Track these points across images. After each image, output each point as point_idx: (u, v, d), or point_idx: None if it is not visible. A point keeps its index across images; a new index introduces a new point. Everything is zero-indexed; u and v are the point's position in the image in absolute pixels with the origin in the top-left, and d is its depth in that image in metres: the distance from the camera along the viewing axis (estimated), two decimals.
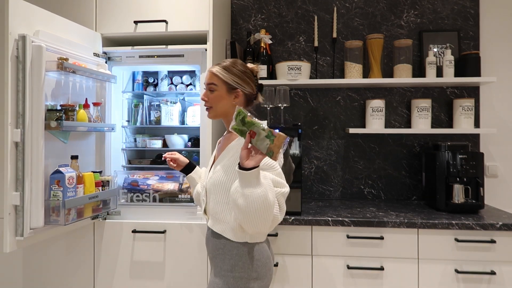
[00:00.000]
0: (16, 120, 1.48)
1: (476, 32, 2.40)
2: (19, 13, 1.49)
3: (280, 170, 1.31)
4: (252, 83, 1.43)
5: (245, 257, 1.33)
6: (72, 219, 1.67)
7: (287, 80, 2.26)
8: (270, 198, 1.16)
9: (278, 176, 1.29)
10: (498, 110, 2.41)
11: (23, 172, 1.48)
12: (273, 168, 1.29)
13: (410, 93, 2.45)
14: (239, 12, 2.56)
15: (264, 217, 1.18)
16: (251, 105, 1.49)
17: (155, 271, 1.95)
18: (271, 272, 1.39)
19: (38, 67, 1.50)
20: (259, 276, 1.33)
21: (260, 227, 1.21)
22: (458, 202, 2.03)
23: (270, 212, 1.18)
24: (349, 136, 2.48)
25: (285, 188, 1.28)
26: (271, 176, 1.26)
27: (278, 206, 1.26)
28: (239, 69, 1.42)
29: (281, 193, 1.26)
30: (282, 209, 1.28)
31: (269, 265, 1.38)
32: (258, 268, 1.33)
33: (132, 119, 2.32)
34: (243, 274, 1.31)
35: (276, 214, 1.24)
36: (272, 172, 1.28)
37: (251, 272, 1.32)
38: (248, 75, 1.43)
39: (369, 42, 2.31)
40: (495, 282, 1.80)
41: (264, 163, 1.27)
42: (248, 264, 1.32)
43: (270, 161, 1.28)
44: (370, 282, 1.85)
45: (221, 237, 1.37)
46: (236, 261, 1.33)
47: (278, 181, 1.27)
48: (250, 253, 1.33)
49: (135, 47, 2.05)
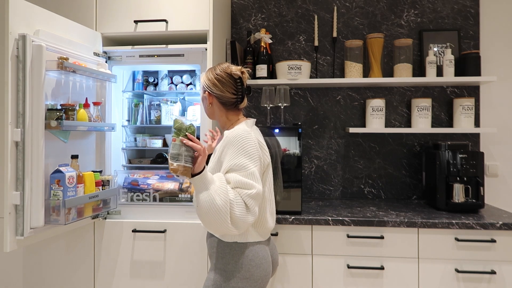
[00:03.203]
0: (16, 119, 1.47)
1: (476, 32, 2.40)
2: (19, 12, 1.49)
3: (252, 170, 1.28)
4: (230, 88, 1.41)
5: (237, 256, 1.34)
6: (72, 218, 1.67)
7: (287, 79, 2.26)
8: (217, 202, 1.18)
9: (248, 177, 1.26)
10: (498, 109, 2.41)
11: (23, 172, 1.48)
12: (244, 169, 1.27)
13: (410, 92, 2.45)
14: (239, 11, 2.56)
15: (215, 220, 1.20)
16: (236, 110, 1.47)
17: (155, 270, 1.95)
18: (266, 273, 1.37)
19: (38, 66, 1.50)
20: (251, 277, 1.33)
21: (217, 229, 1.24)
22: (458, 202, 2.03)
23: (220, 215, 1.19)
24: (349, 135, 2.48)
25: (252, 190, 1.25)
26: (236, 177, 1.26)
27: (245, 207, 1.24)
28: (214, 73, 1.43)
29: (247, 194, 1.24)
30: (251, 210, 1.25)
31: (264, 266, 1.37)
32: (251, 268, 1.33)
33: (132, 118, 2.32)
34: (235, 272, 1.32)
35: (240, 215, 1.22)
36: (242, 172, 1.26)
37: (243, 271, 1.32)
38: (223, 80, 1.41)
39: (369, 42, 2.31)
40: (495, 281, 1.81)
41: (234, 164, 1.27)
42: (240, 263, 1.33)
43: (241, 161, 1.27)
44: (370, 282, 1.86)
45: (212, 236, 1.41)
46: (228, 260, 1.34)
47: (245, 182, 1.25)
48: (243, 253, 1.34)
49: (135, 47, 2.05)
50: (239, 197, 1.24)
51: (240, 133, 1.32)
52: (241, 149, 1.29)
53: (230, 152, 1.30)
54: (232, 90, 1.42)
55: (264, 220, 1.41)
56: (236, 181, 1.25)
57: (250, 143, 1.31)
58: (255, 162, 1.30)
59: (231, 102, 1.43)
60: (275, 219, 1.51)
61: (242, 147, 1.29)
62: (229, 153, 1.30)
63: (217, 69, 1.44)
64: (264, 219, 1.41)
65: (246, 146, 1.29)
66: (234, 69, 1.42)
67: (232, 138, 1.31)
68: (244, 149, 1.29)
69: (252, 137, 1.33)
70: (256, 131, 1.49)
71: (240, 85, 1.43)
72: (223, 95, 1.42)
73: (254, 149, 1.31)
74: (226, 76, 1.41)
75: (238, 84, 1.42)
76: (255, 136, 1.36)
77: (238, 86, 1.42)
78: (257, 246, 1.38)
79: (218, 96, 1.42)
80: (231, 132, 1.34)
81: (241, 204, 1.23)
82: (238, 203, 1.23)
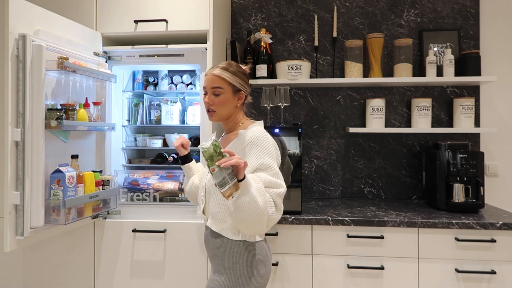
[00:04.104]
0: (16, 119, 1.47)
1: (476, 31, 2.40)
2: (19, 12, 1.49)
3: (277, 170, 1.33)
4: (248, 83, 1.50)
5: (245, 255, 1.34)
6: (72, 218, 1.67)
7: (287, 79, 2.26)
8: (259, 204, 1.20)
9: (274, 176, 1.31)
10: (498, 109, 2.41)
11: (23, 172, 1.48)
12: (270, 168, 1.31)
13: (410, 92, 2.45)
14: (239, 11, 2.56)
15: (257, 221, 1.22)
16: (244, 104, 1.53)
17: (155, 270, 1.95)
18: (268, 270, 1.40)
19: (39, 66, 1.50)
20: (258, 274, 1.35)
21: (255, 230, 1.26)
22: (458, 202, 2.03)
23: (262, 217, 1.22)
24: (349, 135, 2.48)
25: (281, 189, 1.30)
26: (266, 177, 1.29)
27: (275, 206, 1.28)
28: (239, 70, 1.47)
29: (276, 193, 1.28)
30: (279, 208, 1.30)
31: (267, 263, 1.40)
32: (257, 266, 1.35)
33: (132, 118, 2.32)
34: (244, 271, 1.33)
35: (272, 214, 1.27)
36: (269, 172, 1.31)
37: (252, 269, 1.34)
38: (246, 76, 1.49)
39: (369, 42, 2.31)
40: (495, 281, 1.81)
41: (261, 163, 1.30)
42: (248, 262, 1.34)
43: (267, 161, 1.31)
44: (370, 282, 1.85)
45: (220, 236, 1.39)
46: (236, 259, 1.34)
47: (274, 182, 1.29)
48: (250, 251, 1.35)
49: (135, 47, 2.05)
50: (270, 196, 1.28)
51: (261, 133, 1.36)
52: (265, 148, 1.33)
53: (254, 152, 1.33)
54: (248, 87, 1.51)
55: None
56: (267, 181, 1.29)
57: (271, 143, 1.36)
58: (276, 162, 1.35)
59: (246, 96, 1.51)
60: None
61: (265, 146, 1.33)
62: (253, 152, 1.33)
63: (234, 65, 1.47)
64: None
65: (268, 146, 1.34)
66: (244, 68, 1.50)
67: (255, 138, 1.34)
68: (267, 149, 1.33)
69: (271, 138, 1.38)
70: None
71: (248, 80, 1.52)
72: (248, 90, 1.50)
73: (274, 149, 1.37)
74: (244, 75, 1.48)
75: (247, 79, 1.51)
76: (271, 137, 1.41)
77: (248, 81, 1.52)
78: (261, 244, 1.40)
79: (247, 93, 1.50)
80: (251, 132, 1.37)
81: (272, 203, 1.27)
82: (270, 202, 1.27)
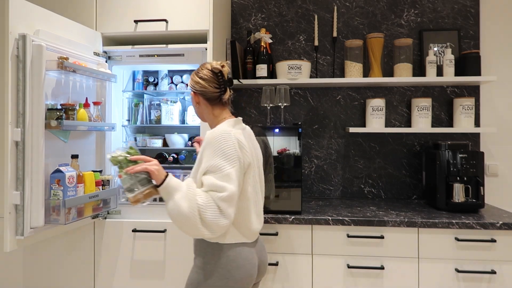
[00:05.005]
0: (16, 119, 1.47)
1: (477, 31, 2.40)
2: (19, 12, 1.49)
3: (228, 172, 1.27)
4: (212, 83, 1.43)
5: (217, 256, 1.34)
6: (72, 218, 1.67)
7: (287, 79, 2.26)
8: (183, 209, 1.20)
9: (222, 179, 1.26)
10: (498, 109, 2.41)
11: (23, 171, 1.48)
12: (220, 170, 1.27)
13: (410, 92, 2.45)
14: (239, 11, 2.56)
15: (188, 226, 1.23)
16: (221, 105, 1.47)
17: (155, 270, 1.95)
18: (248, 275, 1.36)
19: (39, 66, 1.50)
20: (231, 277, 1.32)
21: (193, 234, 1.26)
22: (459, 201, 2.03)
23: (190, 222, 1.21)
24: (349, 135, 2.48)
25: (224, 193, 1.24)
26: (210, 180, 1.26)
27: (218, 210, 1.23)
28: (198, 73, 1.45)
29: (218, 197, 1.23)
30: (225, 213, 1.24)
31: (247, 268, 1.35)
32: (231, 269, 1.32)
33: (132, 118, 2.32)
34: (215, 272, 1.32)
35: (213, 219, 1.22)
36: (218, 174, 1.26)
37: (224, 271, 1.32)
38: (205, 77, 1.43)
39: (369, 41, 2.31)
40: (495, 281, 1.81)
41: (210, 165, 1.28)
42: (220, 263, 1.33)
43: (217, 162, 1.27)
44: (371, 281, 1.86)
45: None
46: (208, 259, 1.34)
47: (218, 185, 1.25)
48: (224, 253, 1.34)
49: (135, 46, 2.05)
50: (211, 201, 1.23)
51: (218, 134, 1.32)
52: (218, 149, 1.29)
53: (207, 153, 1.30)
54: (214, 84, 1.43)
55: (247, 221, 1.38)
56: (209, 184, 1.26)
57: (228, 143, 1.30)
58: (232, 163, 1.28)
59: (215, 97, 1.44)
60: (262, 220, 1.48)
61: (219, 147, 1.29)
62: (206, 154, 1.31)
63: (199, 69, 1.47)
64: (248, 220, 1.38)
65: (223, 147, 1.29)
66: (214, 64, 1.45)
67: (211, 139, 1.31)
68: (221, 149, 1.29)
69: (230, 137, 1.32)
70: (242, 130, 1.45)
71: (221, 78, 1.44)
72: (206, 91, 1.43)
73: (231, 150, 1.30)
74: (208, 72, 1.44)
75: (219, 78, 1.44)
76: (235, 136, 1.34)
77: (219, 79, 1.44)
78: (241, 248, 1.36)
79: (202, 92, 1.44)
80: (211, 132, 1.34)
81: (213, 208, 1.23)
82: (210, 206, 1.22)
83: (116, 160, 1.33)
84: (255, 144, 1.53)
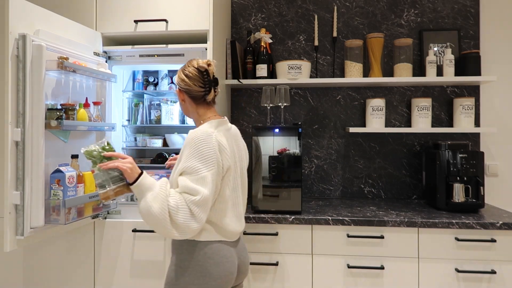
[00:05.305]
0: (16, 119, 1.47)
1: (477, 31, 2.40)
2: (19, 12, 1.49)
3: (204, 175, 1.25)
4: (197, 81, 1.41)
5: (193, 253, 1.33)
6: (72, 218, 1.67)
7: (287, 79, 2.26)
8: (154, 210, 1.20)
9: (197, 182, 1.25)
10: (498, 109, 2.41)
11: (23, 171, 1.48)
12: (196, 173, 1.26)
13: (410, 92, 2.45)
14: (239, 11, 2.56)
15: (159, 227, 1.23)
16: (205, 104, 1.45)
17: (155, 270, 1.95)
18: (227, 273, 1.34)
19: (39, 66, 1.50)
20: (208, 274, 1.31)
21: (164, 234, 1.26)
22: (459, 201, 2.03)
23: (160, 222, 1.21)
24: (349, 135, 2.48)
25: (197, 196, 1.23)
26: (184, 182, 1.25)
27: (190, 213, 1.23)
28: (184, 71, 1.43)
29: (191, 200, 1.23)
30: (196, 217, 1.23)
31: (226, 266, 1.34)
32: (209, 266, 1.32)
33: (132, 118, 2.33)
34: (191, 269, 1.32)
35: (184, 221, 1.22)
36: (193, 176, 1.26)
37: (201, 268, 1.31)
38: (190, 75, 1.41)
39: (370, 41, 2.31)
40: (495, 281, 1.81)
41: (187, 166, 1.27)
42: (196, 260, 1.32)
43: (194, 164, 1.26)
44: (371, 281, 1.86)
45: None
46: (185, 256, 1.34)
47: (191, 188, 1.24)
48: (201, 250, 1.33)
49: (135, 46, 2.05)
50: (184, 203, 1.23)
51: (198, 135, 1.30)
52: (196, 151, 1.27)
53: (185, 154, 1.29)
54: (199, 83, 1.41)
55: (223, 223, 1.37)
56: (183, 186, 1.25)
57: (208, 145, 1.29)
58: (209, 166, 1.27)
59: (200, 96, 1.42)
60: (242, 222, 1.47)
61: (197, 149, 1.28)
62: (185, 154, 1.30)
63: (186, 66, 1.45)
64: (224, 222, 1.36)
65: (201, 149, 1.28)
66: (200, 62, 1.43)
67: (190, 140, 1.30)
68: (199, 151, 1.27)
69: (211, 140, 1.30)
70: (227, 131, 1.44)
71: (207, 77, 1.42)
72: (191, 89, 1.41)
73: (210, 152, 1.28)
74: (193, 70, 1.41)
75: (204, 77, 1.41)
76: (216, 138, 1.32)
77: (204, 78, 1.41)
78: (219, 245, 1.35)
79: (186, 90, 1.42)
80: (193, 132, 1.32)
81: (185, 210, 1.22)
82: (181, 208, 1.22)
83: (90, 155, 1.33)
84: (240, 144, 1.51)
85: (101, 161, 1.33)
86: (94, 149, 1.34)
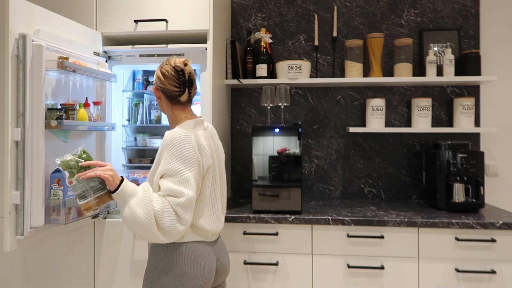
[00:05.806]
0: (16, 119, 1.47)
1: (477, 31, 2.40)
2: (19, 12, 1.49)
3: (186, 176, 1.25)
4: (172, 80, 1.39)
5: (170, 254, 1.31)
6: (72, 218, 1.67)
7: (287, 79, 2.26)
8: (139, 216, 1.19)
9: (180, 184, 1.24)
10: (498, 109, 2.41)
11: (23, 171, 1.48)
12: (178, 174, 1.25)
13: (410, 92, 2.45)
14: (239, 11, 2.56)
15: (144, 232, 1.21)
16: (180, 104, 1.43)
17: None
18: (204, 272, 1.33)
19: (39, 66, 1.50)
20: (185, 275, 1.30)
21: (148, 239, 1.25)
22: (459, 201, 2.03)
23: (146, 228, 1.20)
24: (349, 135, 2.48)
25: (181, 198, 1.22)
26: (167, 185, 1.24)
27: (176, 216, 1.22)
28: (161, 69, 1.41)
29: (176, 203, 1.22)
30: (182, 219, 1.23)
31: (202, 265, 1.33)
32: (185, 266, 1.30)
33: (132, 118, 2.33)
34: (167, 270, 1.30)
35: (170, 224, 1.22)
36: (176, 178, 1.25)
37: (177, 269, 1.30)
38: (166, 73, 1.39)
39: (370, 41, 2.31)
40: (495, 281, 1.81)
41: (168, 169, 1.25)
42: (173, 261, 1.31)
43: (175, 166, 1.25)
44: (371, 281, 1.86)
45: None
46: (160, 257, 1.32)
47: (175, 190, 1.23)
48: (176, 250, 1.32)
49: (136, 46, 2.05)
50: (169, 206, 1.22)
51: (177, 136, 1.29)
52: (176, 153, 1.26)
53: (165, 156, 1.27)
54: (174, 82, 1.39)
55: (199, 222, 1.35)
56: (166, 189, 1.24)
57: (187, 146, 1.28)
58: (190, 167, 1.27)
59: (175, 96, 1.40)
60: (221, 222, 1.45)
61: (177, 151, 1.26)
62: (164, 156, 1.28)
63: (164, 63, 1.43)
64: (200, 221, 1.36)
65: (181, 150, 1.26)
66: (177, 61, 1.40)
67: (168, 141, 1.28)
68: (179, 152, 1.26)
69: (189, 140, 1.29)
70: (204, 130, 1.42)
71: (182, 77, 1.39)
72: (166, 88, 1.39)
73: (190, 153, 1.28)
74: (170, 69, 1.39)
75: (180, 76, 1.39)
76: (195, 138, 1.32)
77: (180, 78, 1.39)
78: (195, 245, 1.34)
79: (162, 89, 1.41)
80: (169, 134, 1.31)
81: (170, 213, 1.22)
82: (167, 211, 1.22)
83: (67, 166, 1.28)
84: (217, 143, 1.51)
85: (78, 171, 1.29)
86: (70, 159, 1.29)
